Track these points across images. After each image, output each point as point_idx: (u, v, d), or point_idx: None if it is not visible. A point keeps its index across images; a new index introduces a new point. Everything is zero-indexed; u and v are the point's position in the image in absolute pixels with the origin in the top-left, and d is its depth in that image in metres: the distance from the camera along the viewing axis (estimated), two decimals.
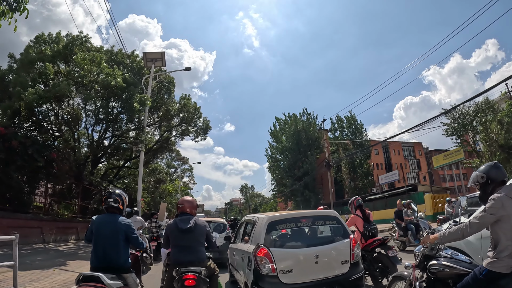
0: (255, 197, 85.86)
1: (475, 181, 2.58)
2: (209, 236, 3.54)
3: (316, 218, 4.53)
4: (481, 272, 2.29)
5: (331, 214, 4.73)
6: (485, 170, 2.52)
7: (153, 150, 19.59)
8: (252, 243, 4.32)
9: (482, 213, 2.33)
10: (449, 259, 2.69)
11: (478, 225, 2.35)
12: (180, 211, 3.54)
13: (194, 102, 19.73)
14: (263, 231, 4.15)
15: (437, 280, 2.71)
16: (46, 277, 6.12)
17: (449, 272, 2.61)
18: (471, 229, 2.37)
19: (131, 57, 16.65)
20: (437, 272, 2.69)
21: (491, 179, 2.46)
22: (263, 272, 3.82)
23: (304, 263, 3.95)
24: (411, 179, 47.43)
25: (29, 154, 10.74)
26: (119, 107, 14.19)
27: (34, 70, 12.54)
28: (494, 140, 19.51)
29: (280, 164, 37.60)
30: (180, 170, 42.04)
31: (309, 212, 4.92)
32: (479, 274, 2.30)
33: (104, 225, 3.01)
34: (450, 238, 2.55)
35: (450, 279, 2.62)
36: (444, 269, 2.64)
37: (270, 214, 4.70)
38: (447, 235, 2.55)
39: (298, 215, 4.55)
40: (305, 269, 3.92)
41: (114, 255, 2.96)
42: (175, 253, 3.38)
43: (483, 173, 2.50)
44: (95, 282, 2.65)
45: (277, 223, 4.31)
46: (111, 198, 3.12)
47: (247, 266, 4.23)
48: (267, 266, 3.82)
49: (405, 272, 3.24)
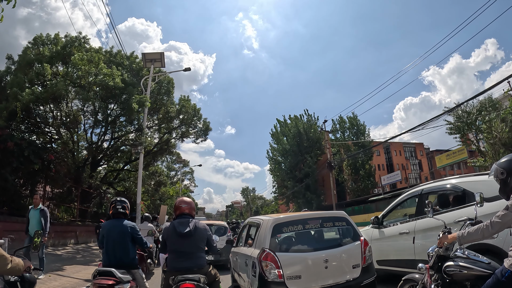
0: (256, 200, 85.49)
1: (495, 176, 2.40)
2: (210, 240, 3.27)
3: (325, 220, 4.22)
4: (503, 274, 2.10)
5: (341, 215, 4.44)
6: (505, 165, 2.33)
7: (153, 153, 19.36)
8: (256, 247, 4.07)
9: (504, 211, 2.14)
10: (465, 260, 2.51)
11: (501, 224, 2.16)
12: (179, 212, 3.24)
13: (194, 104, 19.57)
14: (268, 234, 3.90)
15: (453, 282, 2.54)
16: (40, 283, 5.87)
17: (467, 274, 2.44)
18: (492, 229, 2.19)
19: (130, 58, 16.48)
20: (453, 274, 2.52)
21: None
22: (269, 278, 3.60)
23: (313, 268, 3.71)
24: (413, 180, 47.15)
25: (25, 156, 10.50)
26: (118, 109, 14.00)
27: (32, 71, 12.35)
28: (498, 138, 19.27)
29: (282, 166, 37.37)
30: (181, 173, 41.85)
31: (317, 213, 4.65)
32: (501, 277, 2.10)
33: (113, 228, 3.47)
34: (470, 239, 2.36)
35: (467, 281, 2.46)
36: (461, 271, 2.47)
37: (275, 215, 4.46)
38: (466, 236, 2.36)
39: (305, 216, 4.30)
40: (314, 274, 3.68)
41: (123, 253, 3.39)
42: (172, 259, 3.10)
43: (503, 169, 2.31)
44: (108, 276, 3.06)
45: (283, 225, 4.04)
46: (119, 205, 3.58)
47: (251, 272, 3.99)
48: (273, 272, 3.59)
49: (416, 274, 3.05)
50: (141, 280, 3.51)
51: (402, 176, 31.30)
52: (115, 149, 16.99)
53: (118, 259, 3.35)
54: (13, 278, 2.49)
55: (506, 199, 2.30)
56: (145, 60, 15.67)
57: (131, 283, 3.26)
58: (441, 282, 2.65)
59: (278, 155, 37.48)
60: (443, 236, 2.67)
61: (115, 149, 16.99)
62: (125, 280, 3.14)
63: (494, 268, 2.30)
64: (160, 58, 15.72)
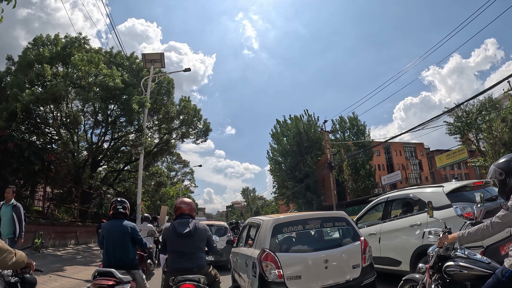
0: (256, 200, 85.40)
1: (493, 177, 2.39)
2: (210, 241, 3.27)
3: (325, 220, 4.25)
4: (503, 274, 2.10)
5: (340, 215, 4.46)
6: (504, 165, 2.32)
7: (153, 153, 19.35)
8: (256, 247, 4.10)
9: (505, 211, 2.15)
10: (466, 260, 2.52)
11: (501, 225, 2.17)
12: (179, 213, 3.24)
13: (194, 104, 19.56)
14: (269, 234, 3.92)
15: (453, 282, 2.56)
16: (40, 284, 5.86)
17: (467, 274, 2.45)
18: (492, 229, 2.20)
19: (130, 59, 16.49)
20: (453, 274, 2.53)
21: (510, 174, 2.26)
22: (269, 278, 3.62)
23: (313, 268, 3.73)
24: (413, 180, 47.14)
25: (25, 156, 10.51)
26: (118, 109, 14.00)
27: (32, 72, 12.35)
28: (498, 138, 19.26)
29: (282, 166, 37.35)
30: (181, 173, 41.85)
31: (317, 214, 4.67)
32: (501, 277, 2.11)
33: (113, 228, 3.46)
34: (470, 239, 2.38)
35: (467, 281, 2.47)
36: (462, 271, 2.48)
37: (275, 216, 4.48)
38: (466, 236, 2.37)
39: (305, 216, 4.31)
40: (314, 274, 3.70)
41: (123, 254, 3.38)
42: (172, 259, 3.10)
43: (501, 170, 2.31)
44: (108, 276, 3.06)
45: (283, 225, 4.06)
46: (119, 205, 3.59)
47: (251, 272, 4.01)
48: (273, 272, 3.61)
49: (416, 274, 3.06)
50: (141, 280, 3.50)
51: (403, 176, 31.32)
52: (115, 150, 16.99)
53: (118, 260, 3.35)
54: (14, 279, 2.47)
55: (505, 200, 2.29)
56: (145, 61, 15.66)
57: (131, 283, 3.25)
58: (441, 282, 2.65)
59: (278, 156, 37.45)
60: (443, 236, 2.68)
61: (115, 150, 16.99)
62: (125, 280, 3.14)
63: (494, 268, 2.31)
64: (160, 59, 15.70)
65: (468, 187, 4.78)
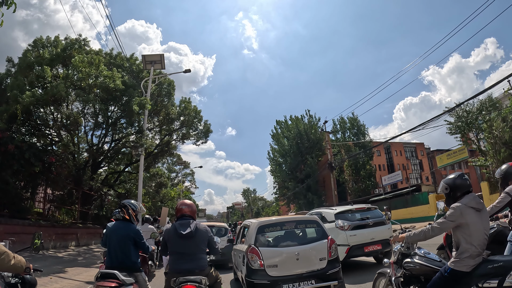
0: (257, 201, 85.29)
1: (441, 191, 2.87)
2: (211, 242, 3.26)
3: (299, 223, 5.31)
4: (445, 270, 2.56)
5: (312, 218, 5.49)
6: (449, 181, 2.76)
7: (153, 154, 19.36)
8: (246, 244, 5.14)
9: (443, 219, 2.63)
10: (421, 257, 2.95)
11: (439, 229, 2.67)
12: (180, 214, 3.25)
13: (195, 106, 19.57)
14: (254, 233, 4.96)
15: (411, 276, 3.00)
16: (41, 285, 5.87)
17: (420, 269, 2.89)
18: (432, 232, 2.72)
19: (130, 60, 16.50)
20: (410, 269, 2.98)
21: (454, 190, 2.71)
22: (253, 267, 4.64)
23: (287, 260, 4.70)
24: (414, 180, 47.09)
25: (26, 158, 10.50)
26: (118, 111, 13.99)
27: (32, 74, 12.35)
28: (498, 137, 19.21)
29: (282, 167, 37.30)
30: (182, 175, 41.84)
31: (292, 218, 5.69)
32: (444, 272, 2.56)
33: (116, 231, 3.45)
34: (415, 239, 2.92)
35: (421, 275, 2.91)
36: (416, 266, 2.92)
37: (260, 219, 5.58)
38: (412, 236, 2.91)
39: (283, 220, 5.38)
40: (287, 264, 4.66)
41: (125, 256, 3.38)
42: (173, 260, 3.10)
43: (447, 185, 2.76)
44: (111, 278, 3.07)
45: (266, 227, 5.12)
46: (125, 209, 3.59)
47: (242, 263, 5.07)
48: (256, 262, 4.62)
49: (387, 269, 3.50)
50: (144, 282, 3.50)
51: (403, 176, 31.27)
52: (115, 151, 16.99)
53: (121, 262, 3.34)
54: (14, 280, 2.47)
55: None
56: (145, 62, 15.68)
57: (134, 285, 3.24)
58: (402, 276, 3.11)
59: (279, 156, 37.42)
60: (395, 236, 3.22)
61: (115, 151, 16.99)
62: (128, 282, 3.13)
63: (443, 265, 2.70)
64: (160, 60, 15.73)
65: (351, 211, 7.26)
